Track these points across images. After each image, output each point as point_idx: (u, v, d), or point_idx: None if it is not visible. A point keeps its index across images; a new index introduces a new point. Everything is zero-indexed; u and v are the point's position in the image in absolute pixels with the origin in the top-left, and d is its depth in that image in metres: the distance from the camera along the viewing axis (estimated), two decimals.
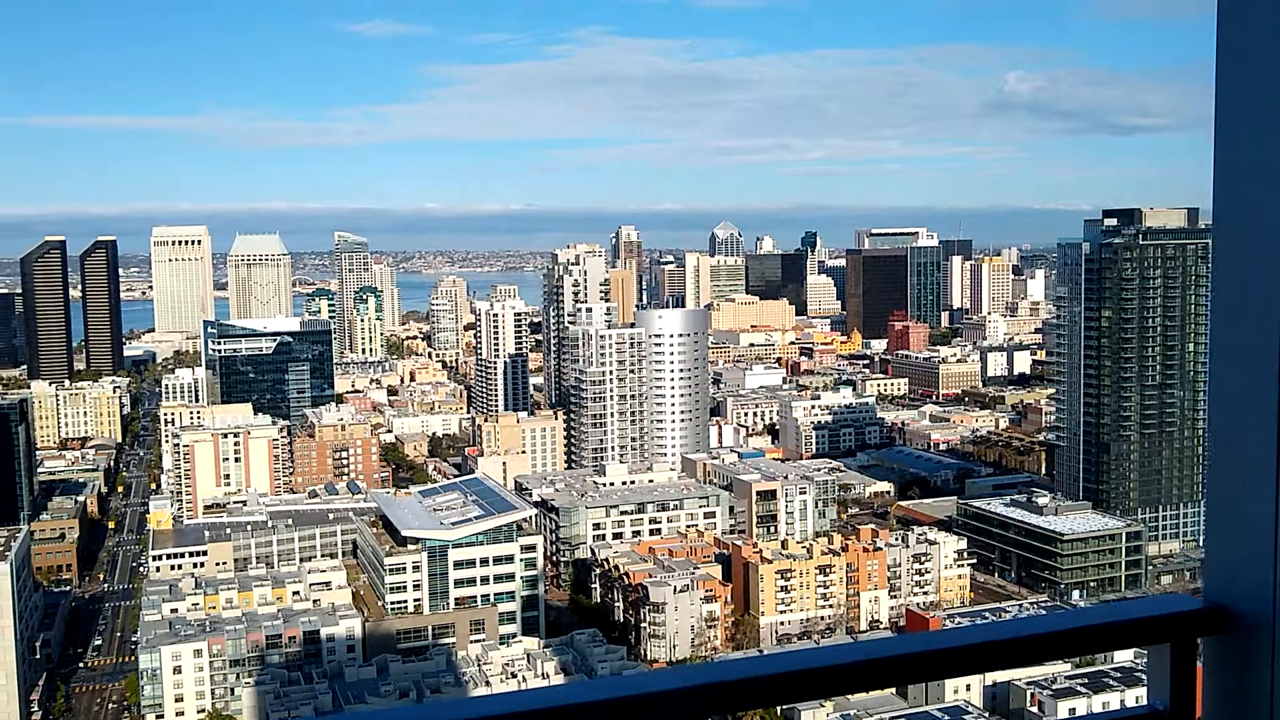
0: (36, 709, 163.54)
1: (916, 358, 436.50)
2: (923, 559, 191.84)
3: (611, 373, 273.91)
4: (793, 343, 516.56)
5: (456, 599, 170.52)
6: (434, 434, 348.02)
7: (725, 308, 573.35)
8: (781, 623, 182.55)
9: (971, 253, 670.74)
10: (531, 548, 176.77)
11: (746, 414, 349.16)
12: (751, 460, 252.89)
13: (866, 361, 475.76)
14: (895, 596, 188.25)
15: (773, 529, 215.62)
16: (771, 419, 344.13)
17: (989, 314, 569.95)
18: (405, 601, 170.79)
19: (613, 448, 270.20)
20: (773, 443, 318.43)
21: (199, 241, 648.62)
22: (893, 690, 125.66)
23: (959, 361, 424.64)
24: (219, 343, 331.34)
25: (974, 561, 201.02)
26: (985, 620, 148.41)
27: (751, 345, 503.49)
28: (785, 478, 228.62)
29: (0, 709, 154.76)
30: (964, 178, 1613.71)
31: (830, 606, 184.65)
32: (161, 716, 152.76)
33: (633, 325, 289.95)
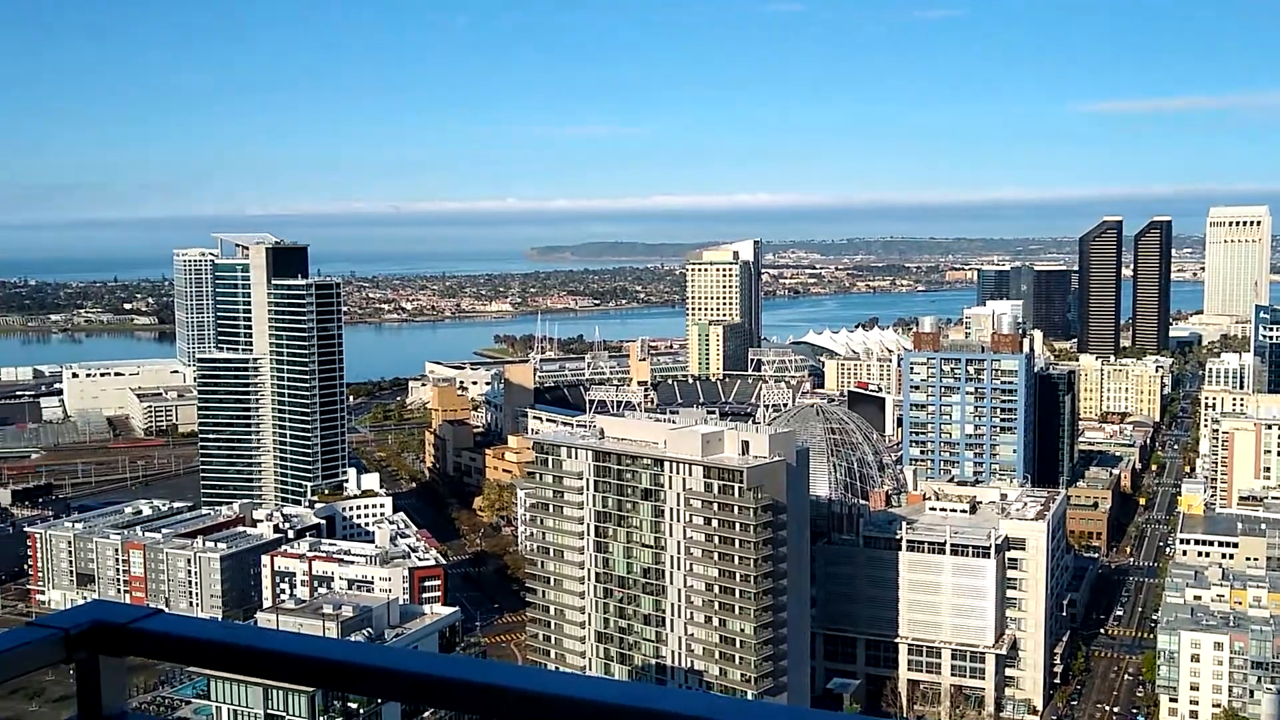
0: (1059, 662, 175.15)
1: None
2: None
3: None
4: None
5: None
6: None
7: None
8: None
9: None
10: None
11: None
12: None
13: None
14: None
15: None
16: None
17: None
18: None
19: None
20: None
21: (1258, 223, 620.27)
22: None
23: None
24: (1270, 329, 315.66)
25: None
26: None
27: None
28: None
29: (1028, 655, 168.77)
30: None
31: None
32: (1175, 700, 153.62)
33: None
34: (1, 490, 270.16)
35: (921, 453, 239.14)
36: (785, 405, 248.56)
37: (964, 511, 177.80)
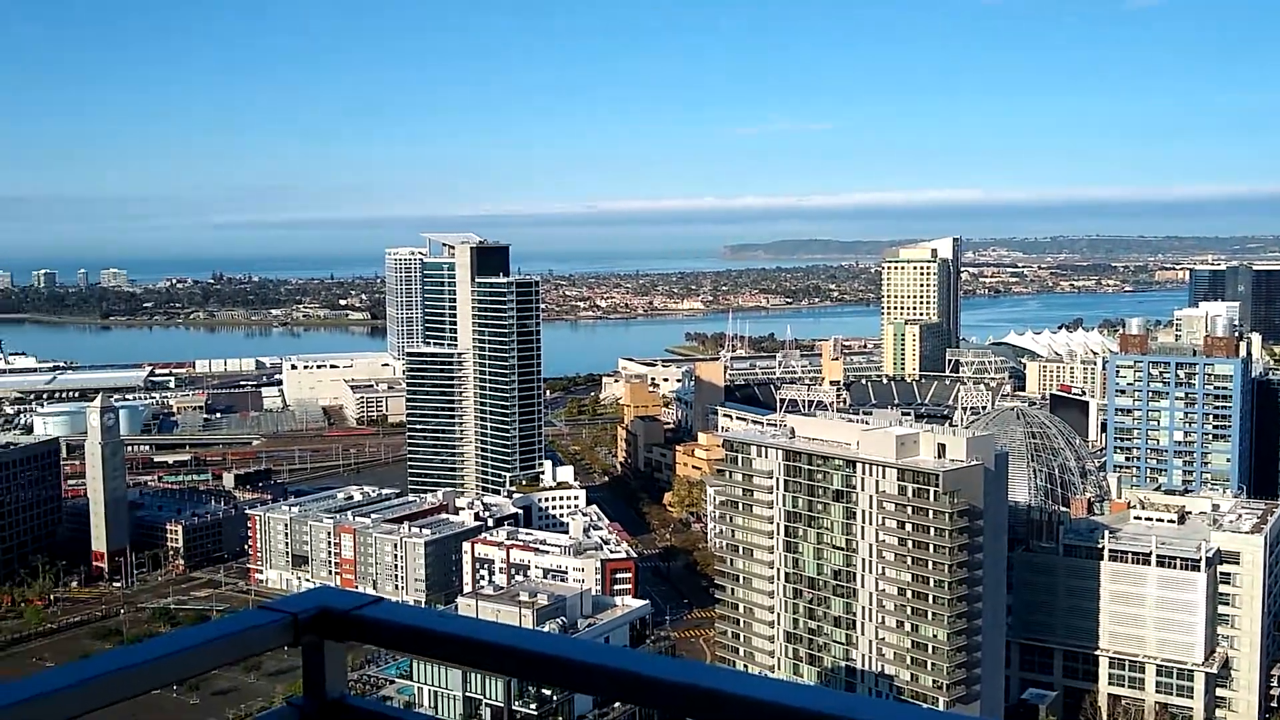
0: (1276, 685, 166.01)
1: None
2: None
3: None
4: None
5: None
6: None
7: None
8: None
9: None
10: None
11: None
12: None
13: None
14: None
15: None
16: None
17: None
18: None
19: None
20: None
21: None
22: None
23: None
24: None
25: None
26: None
27: None
28: None
29: (1242, 675, 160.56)
30: None
31: None
32: None
33: None
34: (226, 474, 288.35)
35: (1126, 460, 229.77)
36: (984, 408, 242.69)
37: (1171, 522, 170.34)
